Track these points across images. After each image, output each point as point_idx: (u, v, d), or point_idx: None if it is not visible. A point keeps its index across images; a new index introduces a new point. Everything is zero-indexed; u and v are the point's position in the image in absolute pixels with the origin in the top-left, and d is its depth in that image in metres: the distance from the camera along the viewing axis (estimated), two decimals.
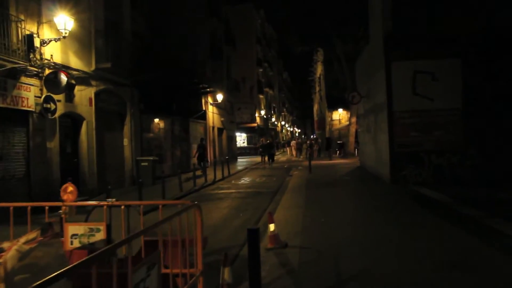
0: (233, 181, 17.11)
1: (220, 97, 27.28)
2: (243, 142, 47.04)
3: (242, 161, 31.37)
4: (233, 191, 13.90)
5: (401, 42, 12.67)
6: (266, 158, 26.68)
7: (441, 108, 12.39)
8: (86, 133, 12.66)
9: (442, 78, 12.35)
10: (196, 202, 3.66)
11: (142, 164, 16.05)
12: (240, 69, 43.01)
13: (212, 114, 28.14)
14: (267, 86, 57.77)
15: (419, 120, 12.58)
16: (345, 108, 37.67)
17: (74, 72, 12.15)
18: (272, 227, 6.11)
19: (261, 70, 52.42)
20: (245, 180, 17.48)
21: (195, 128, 24.59)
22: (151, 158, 16.13)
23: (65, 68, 11.59)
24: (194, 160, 20.03)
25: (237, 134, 42.50)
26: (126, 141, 15.82)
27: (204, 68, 26.52)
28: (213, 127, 28.55)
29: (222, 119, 31.05)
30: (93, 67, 13.09)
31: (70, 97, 11.97)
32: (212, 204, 11.33)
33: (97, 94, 13.46)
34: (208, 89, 25.70)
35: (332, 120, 41.70)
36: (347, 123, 36.30)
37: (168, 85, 19.57)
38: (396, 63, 12.71)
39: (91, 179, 12.78)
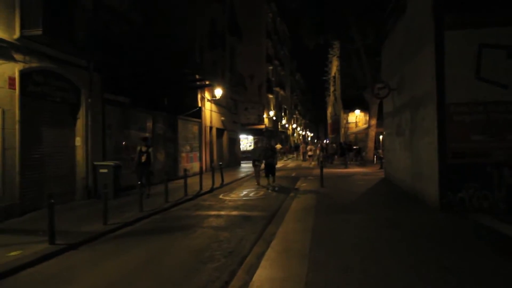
0: (221, 195, 13.16)
1: (219, 92, 23.40)
2: (250, 146, 43.02)
3: (245, 167, 27.26)
4: (213, 213, 9.93)
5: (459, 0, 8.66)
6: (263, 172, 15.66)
7: None
8: (1, 127, 8.85)
9: None
10: None
11: (101, 170, 12.21)
12: (247, 65, 39.15)
13: (209, 112, 24.27)
14: (278, 85, 53.78)
15: (485, 117, 8.50)
16: (363, 109, 33.51)
17: None
18: None
19: (271, 67, 48.47)
20: (237, 194, 13.50)
21: (186, 127, 20.71)
22: (112, 163, 12.28)
23: None
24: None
25: (243, 136, 38.59)
26: (79, 140, 11.99)
27: (200, 58, 22.70)
28: (211, 127, 24.67)
29: (223, 118, 27.16)
30: (17, 35, 9.30)
31: None
32: (165, 240, 7.39)
33: (26, 74, 9.66)
34: (204, 82, 21.85)
35: (347, 122, 37.53)
36: (365, 126, 32.13)
37: (150, 72, 15.75)
38: (452, 33, 8.65)
39: (6, 193, 8.94)
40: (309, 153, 32.06)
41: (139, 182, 10.33)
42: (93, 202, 11.37)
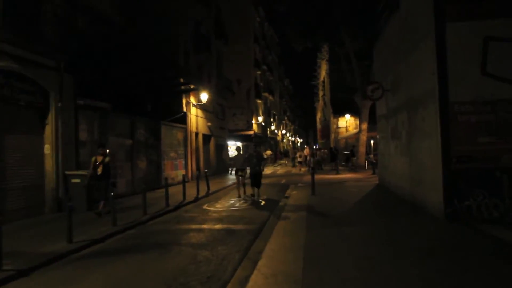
0: (205, 206, 12.20)
1: (204, 96, 22.42)
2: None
3: (233, 174, 26.26)
4: (194, 226, 8.96)
5: None
6: (245, 184, 14.03)
7: None
8: None
9: None
10: None
11: (74, 181, 11.18)
12: (235, 70, 38.32)
13: (195, 117, 23.29)
14: (267, 91, 52.97)
15: (492, 116, 7.71)
16: (353, 113, 32.84)
17: None
18: None
19: (259, 72, 47.63)
20: (223, 204, 12.53)
21: (170, 133, 19.70)
22: (85, 172, 11.24)
23: None
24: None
25: (232, 142, 37.62)
26: (48, 148, 10.95)
27: (184, 61, 21.78)
28: (197, 133, 23.67)
29: (209, 124, 26.19)
30: None
31: None
32: (135, 262, 6.39)
33: None
34: (189, 86, 20.91)
35: (337, 127, 36.82)
36: (356, 130, 31.44)
37: (130, 76, 14.78)
38: (454, 25, 7.86)
39: None
40: (298, 159, 31.10)
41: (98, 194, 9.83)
42: (63, 216, 10.25)
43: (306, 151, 33.04)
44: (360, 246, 6.27)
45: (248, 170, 13.61)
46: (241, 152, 14.50)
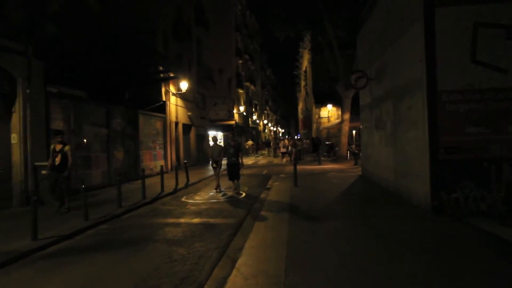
0: (184, 198, 11.73)
1: (184, 85, 21.76)
2: (219, 142, 41.50)
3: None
4: (171, 220, 8.50)
5: None
6: (221, 178, 13.22)
7: None
8: None
9: None
10: None
11: (43, 172, 10.54)
12: (216, 58, 37.64)
13: (175, 106, 22.65)
14: (248, 80, 52.38)
15: (482, 106, 7.44)
16: (335, 103, 32.62)
17: None
18: None
19: (240, 61, 46.97)
20: (202, 196, 12.08)
21: (148, 122, 19.06)
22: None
23: None
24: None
25: (213, 132, 37.04)
26: (15, 138, 10.29)
27: (164, 48, 21.06)
28: (177, 123, 23.07)
29: (190, 113, 25.56)
30: None
31: None
32: (104, 261, 5.92)
33: None
34: (168, 74, 20.24)
35: (319, 117, 36.58)
36: (338, 120, 31.26)
37: (106, 63, 14.07)
38: (443, 10, 7.54)
39: None
40: (282, 149, 30.58)
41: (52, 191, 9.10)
42: (28, 211, 9.70)
43: (286, 141, 32.75)
44: (346, 242, 5.94)
45: (224, 161, 12.66)
46: (218, 143, 13.54)
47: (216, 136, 14.10)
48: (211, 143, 13.38)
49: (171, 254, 5.93)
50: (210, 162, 13.40)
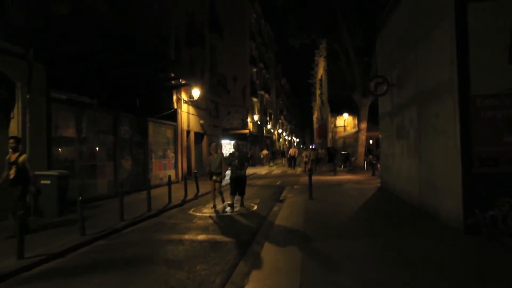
0: (191, 211, 11.03)
1: (196, 92, 21.22)
2: (231, 150, 40.84)
3: (227, 174, 25.04)
4: (174, 237, 7.79)
5: None
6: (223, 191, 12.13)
7: None
8: None
9: None
10: None
11: (43, 182, 9.97)
12: (230, 66, 37.21)
13: (187, 114, 22.10)
14: (263, 89, 51.78)
15: None
16: (352, 112, 31.75)
17: None
18: None
19: (255, 70, 46.44)
20: (210, 209, 11.34)
21: (158, 130, 18.52)
22: (56, 173, 10.06)
23: None
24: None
25: (226, 141, 36.43)
26: None
27: (175, 55, 20.57)
28: (188, 131, 22.50)
29: (202, 121, 24.99)
30: None
31: None
32: (88, 287, 5.25)
33: None
34: (180, 82, 19.70)
35: (335, 127, 35.71)
36: (354, 130, 30.36)
37: (115, 69, 13.54)
38: (476, 5, 6.75)
39: None
40: (305, 159, 28.38)
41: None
42: (31, 221, 9.12)
43: (292, 151, 31.94)
44: (369, 267, 5.14)
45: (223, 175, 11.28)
46: (218, 151, 11.63)
47: (215, 144, 12.16)
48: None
49: (168, 278, 5.21)
50: (210, 176, 11.20)
